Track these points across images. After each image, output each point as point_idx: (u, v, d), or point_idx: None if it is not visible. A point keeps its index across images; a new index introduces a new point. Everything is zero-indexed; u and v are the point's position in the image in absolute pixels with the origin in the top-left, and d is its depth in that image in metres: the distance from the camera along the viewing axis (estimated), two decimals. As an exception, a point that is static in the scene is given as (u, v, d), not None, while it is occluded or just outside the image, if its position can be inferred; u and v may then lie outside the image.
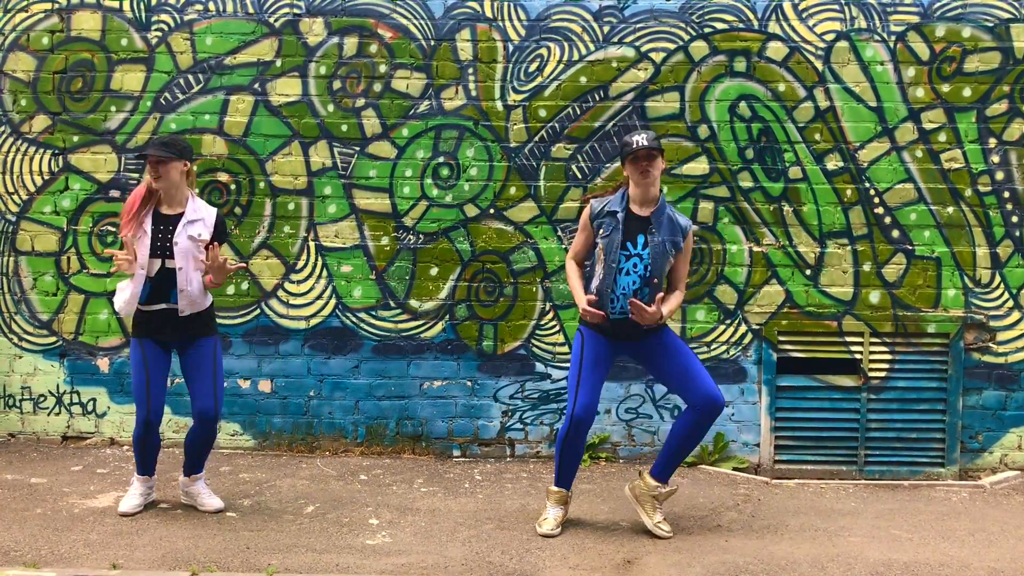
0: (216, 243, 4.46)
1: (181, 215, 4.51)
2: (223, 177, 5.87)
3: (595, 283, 4.44)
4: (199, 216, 4.53)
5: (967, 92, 5.76)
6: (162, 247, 4.47)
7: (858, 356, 5.80)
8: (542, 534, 4.51)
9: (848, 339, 5.81)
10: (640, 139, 4.35)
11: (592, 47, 5.83)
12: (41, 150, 5.90)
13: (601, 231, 4.44)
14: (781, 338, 5.82)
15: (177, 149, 4.48)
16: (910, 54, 5.76)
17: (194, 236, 4.48)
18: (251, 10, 5.84)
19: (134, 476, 4.75)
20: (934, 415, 5.80)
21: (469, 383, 5.93)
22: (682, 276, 4.55)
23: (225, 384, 5.89)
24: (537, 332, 5.91)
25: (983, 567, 4.22)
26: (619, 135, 5.81)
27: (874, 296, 5.82)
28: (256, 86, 5.85)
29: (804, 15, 5.77)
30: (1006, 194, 5.78)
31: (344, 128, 5.87)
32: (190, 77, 5.87)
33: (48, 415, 5.99)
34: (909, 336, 5.80)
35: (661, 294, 4.37)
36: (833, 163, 5.79)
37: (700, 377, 4.45)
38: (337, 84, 5.86)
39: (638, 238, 4.40)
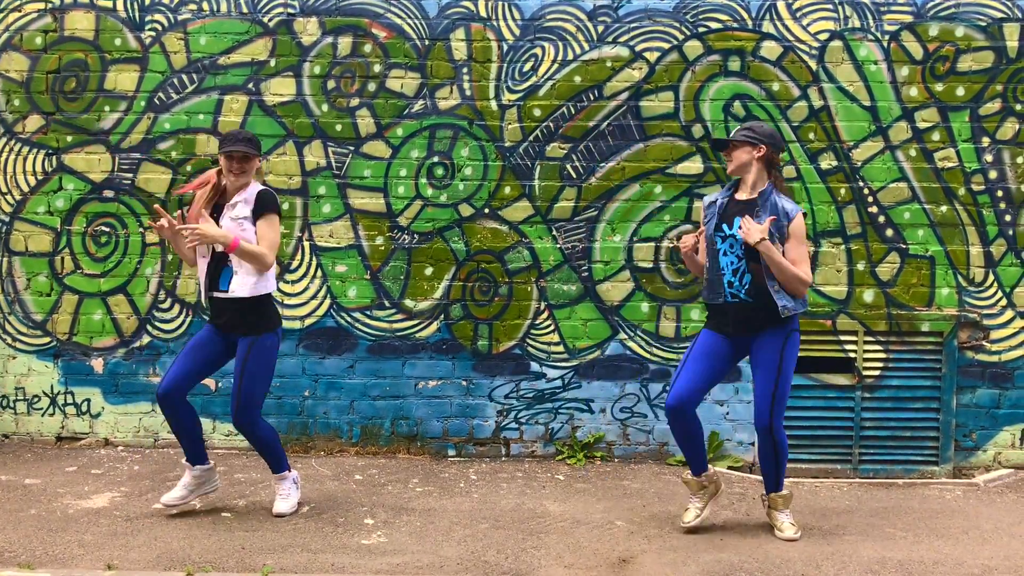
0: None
1: (230, 203, 4.48)
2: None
3: (705, 277, 4.57)
4: (244, 196, 4.46)
5: (960, 91, 5.78)
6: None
7: (852, 355, 5.81)
8: (684, 526, 4.57)
9: (842, 338, 5.82)
10: (734, 132, 4.51)
11: (586, 47, 5.83)
12: (35, 150, 5.89)
13: (705, 218, 4.58)
14: (776, 337, 5.82)
15: (257, 145, 4.51)
16: (904, 53, 5.77)
17: (234, 217, 4.44)
18: (245, 10, 5.84)
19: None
20: (928, 413, 5.81)
21: (464, 383, 5.93)
22: (797, 259, 4.44)
23: (219, 384, 5.89)
24: (532, 332, 5.91)
25: (977, 565, 4.23)
26: (614, 135, 5.81)
27: (868, 295, 5.83)
28: (250, 86, 5.85)
29: (798, 14, 5.78)
30: (999, 193, 5.80)
31: (338, 128, 5.87)
32: (184, 77, 5.86)
33: (42, 416, 5.98)
34: (903, 335, 5.81)
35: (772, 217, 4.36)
36: (827, 162, 5.80)
37: (759, 395, 4.44)
38: (331, 84, 5.85)
39: (734, 220, 4.44)
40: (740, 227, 4.35)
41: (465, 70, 5.84)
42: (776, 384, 4.39)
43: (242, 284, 4.46)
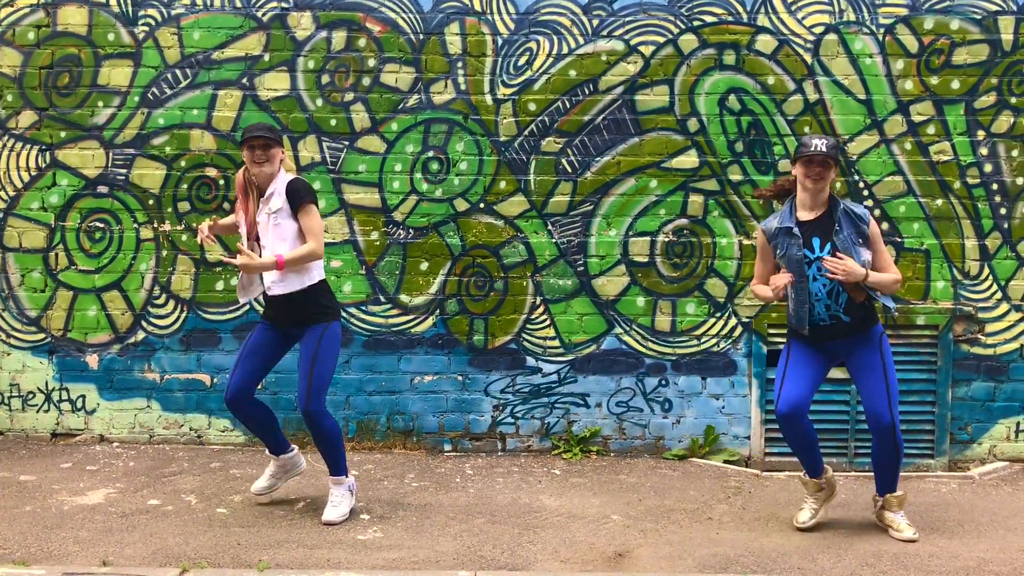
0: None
1: (263, 198, 4.47)
2: (211, 172, 5.84)
3: (791, 305, 4.44)
4: (275, 189, 4.42)
5: (955, 84, 5.77)
6: (250, 228, 4.48)
7: (848, 348, 5.81)
8: (796, 525, 4.57)
9: (838, 331, 5.82)
10: (819, 144, 4.30)
11: (581, 40, 5.82)
12: (28, 146, 5.87)
13: (778, 251, 4.42)
14: (771, 331, 5.83)
15: (278, 134, 4.49)
16: (899, 47, 5.77)
17: (271, 211, 4.40)
18: (239, 4, 5.81)
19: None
20: (923, 407, 5.82)
21: (460, 377, 5.93)
22: (886, 265, 4.41)
23: (214, 380, 5.88)
24: (528, 326, 5.90)
25: (972, 557, 4.24)
26: (609, 128, 5.81)
27: (864, 288, 5.83)
28: (244, 81, 5.83)
29: (793, 8, 5.77)
30: (994, 186, 5.80)
31: (333, 123, 5.85)
32: (178, 72, 5.84)
33: (37, 412, 5.96)
34: (898, 328, 5.82)
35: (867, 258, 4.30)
36: (822, 156, 5.79)
37: (870, 394, 4.38)
38: (326, 78, 5.84)
39: (813, 242, 4.34)
40: (830, 271, 4.22)
41: (460, 64, 5.83)
42: (887, 381, 4.35)
43: (285, 282, 4.41)
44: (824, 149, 4.27)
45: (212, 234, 4.56)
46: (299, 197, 4.39)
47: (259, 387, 5.80)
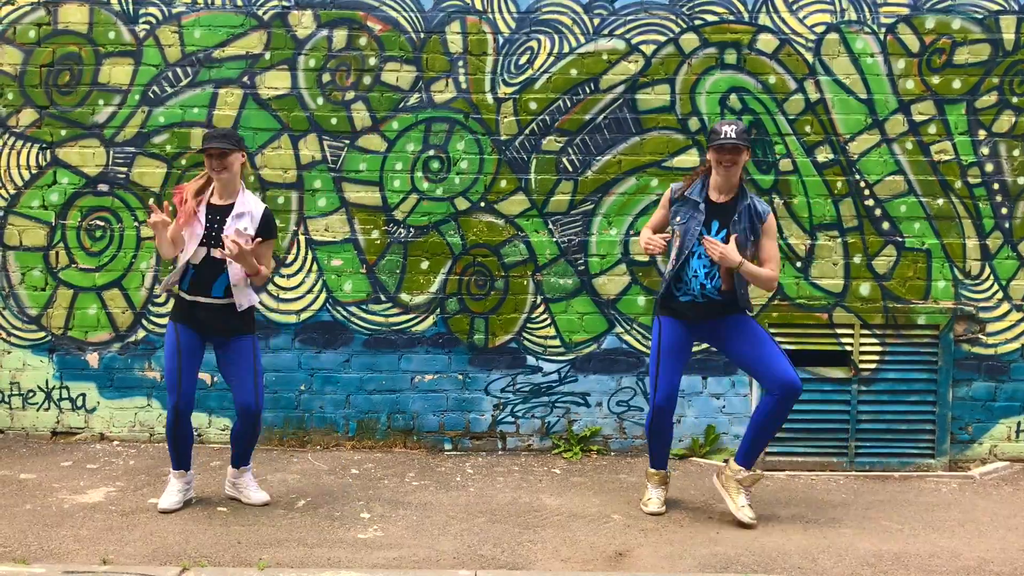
0: (259, 239, 4.50)
1: (231, 206, 4.53)
2: (212, 171, 5.84)
3: (668, 266, 4.62)
4: (247, 209, 4.54)
5: (957, 84, 5.77)
6: (208, 236, 4.51)
7: (848, 348, 5.81)
8: (649, 512, 4.73)
9: (838, 331, 5.82)
10: (728, 130, 4.45)
11: (582, 39, 5.81)
12: (29, 144, 5.86)
13: (678, 218, 4.59)
14: (772, 330, 5.81)
15: (235, 140, 4.55)
16: (900, 46, 5.77)
17: (240, 230, 4.48)
18: (239, 3, 5.81)
19: (170, 473, 4.73)
20: (924, 406, 5.82)
21: (460, 377, 5.93)
22: (771, 256, 4.59)
23: (214, 378, 5.88)
24: (528, 325, 5.90)
25: (973, 557, 4.23)
26: (610, 128, 5.80)
27: (864, 288, 5.83)
28: (245, 79, 5.83)
29: (794, 7, 5.77)
30: (995, 186, 5.79)
31: (334, 121, 5.85)
32: (178, 70, 5.84)
33: (37, 410, 5.96)
34: (899, 328, 5.81)
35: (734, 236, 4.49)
36: (823, 155, 5.80)
37: (776, 360, 4.52)
38: (327, 77, 5.83)
39: (712, 223, 4.53)
40: (713, 252, 4.39)
41: (461, 63, 5.82)
42: (777, 344, 4.57)
43: (243, 297, 4.56)
44: (734, 136, 4.44)
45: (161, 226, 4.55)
46: (270, 231, 4.62)
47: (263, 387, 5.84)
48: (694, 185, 4.63)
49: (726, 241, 4.47)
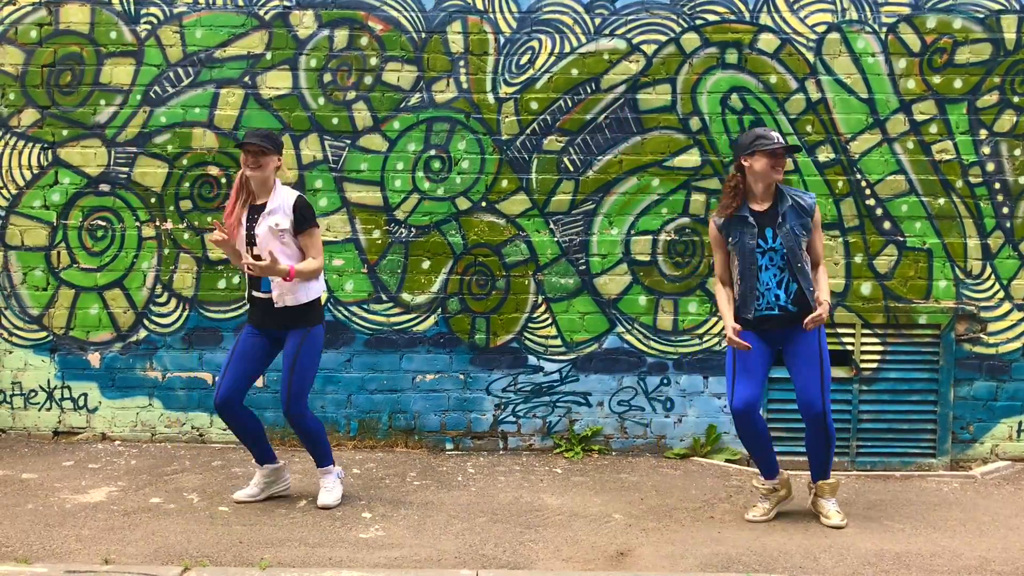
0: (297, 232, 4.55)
1: (261, 206, 4.58)
2: (213, 171, 5.85)
3: (737, 288, 4.57)
4: (277, 204, 4.57)
5: (958, 83, 5.77)
6: (249, 236, 4.57)
7: (850, 347, 5.81)
8: (748, 519, 4.68)
9: (840, 330, 5.82)
10: (778, 137, 4.45)
11: (583, 39, 5.81)
12: (30, 144, 5.87)
13: (730, 238, 4.53)
14: (773, 330, 5.82)
15: (274, 143, 4.58)
16: (901, 45, 5.76)
17: (272, 226, 4.52)
18: (241, 3, 5.81)
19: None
20: (925, 406, 5.82)
21: (462, 376, 5.93)
22: (820, 250, 4.61)
23: (216, 378, 5.87)
24: (529, 325, 5.90)
25: (974, 557, 4.23)
26: (611, 127, 5.80)
27: (865, 287, 5.83)
28: (246, 79, 5.83)
29: (795, 7, 5.77)
30: (997, 185, 5.79)
31: (335, 121, 5.85)
32: (180, 70, 5.84)
33: (39, 410, 5.97)
34: (900, 327, 5.81)
35: (817, 294, 4.46)
36: (824, 155, 5.80)
37: (803, 383, 4.50)
38: (328, 77, 5.83)
39: (767, 232, 4.47)
40: (812, 323, 4.38)
41: (462, 63, 5.82)
42: (822, 371, 4.49)
43: (288, 294, 4.55)
44: (784, 141, 4.46)
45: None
46: (306, 220, 4.58)
47: (260, 387, 5.84)
48: (728, 208, 4.53)
49: (783, 245, 4.42)
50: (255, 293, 4.62)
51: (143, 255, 5.89)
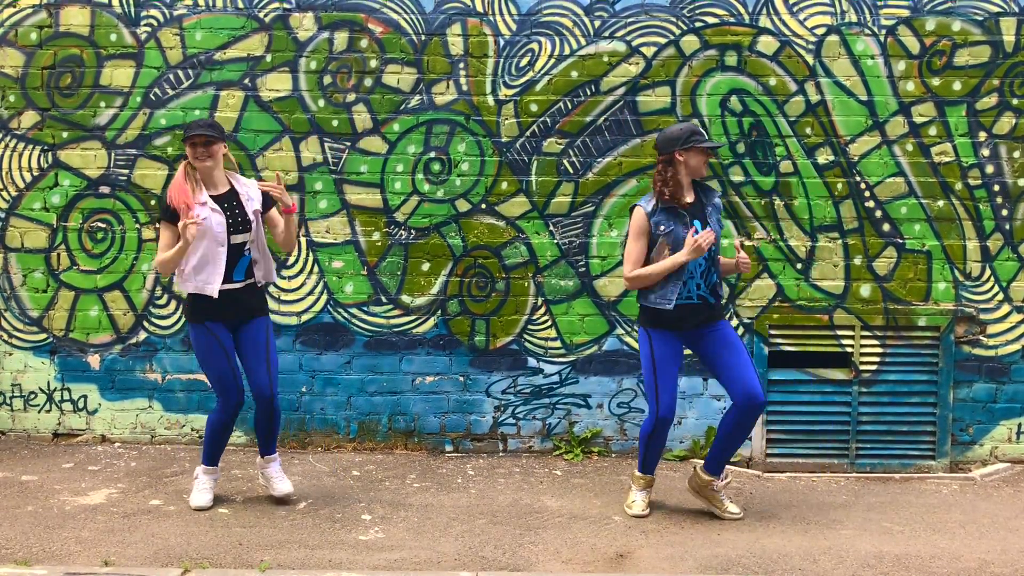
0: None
1: (229, 194, 4.60)
2: (214, 173, 5.85)
3: (659, 282, 4.58)
4: (248, 189, 4.67)
5: (957, 86, 5.77)
6: (229, 225, 4.55)
7: (849, 349, 5.81)
8: (635, 515, 4.74)
9: (839, 332, 5.82)
10: (705, 134, 4.67)
11: (583, 41, 5.82)
12: (30, 146, 5.87)
13: (661, 227, 4.56)
14: (772, 332, 5.83)
15: (219, 131, 4.62)
16: (900, 48, 5.77)
17: (257, 210, 4.65)
18: (241, 5, 5.82)
19: (199, 468, 4.77)
20: (925, 408, 5.82)
21: (461, 378, 5.93)
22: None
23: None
24: (529, 327, 5.91)
25: (974, 559, 4.24)
26: (611, 130, 5.81)
27: (865, 290, 5.83)
28: (246, 81, 5.83)
29: (795, 9, 5.78)
30: (996, 187, 5.80)
31: (335, 123, 5.86)
32: (180, 72, 5.85)
33: (39, 412, 5.97)
34: (900, 329, 5.82)
35: (739, 242, 4.72)
36: (824, 157, 5.80)
37: (745, 371, 4.55)
38: (328, 79, 5.84)
39: (694, 224, 4.56)
40: (708, 241, 4.44)
41: (462, 65, 5.83)
42: (748, 355, 4.63)
43: (266, 271, 4.72)
44: (710, 142, 4.66)
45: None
46: (272, 201, 4.70)
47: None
48: (655, 199, 4.60)
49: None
50: (227, 286, 4.52)
51: (143, 257, 5.89)
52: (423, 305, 5.90)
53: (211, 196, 4.56)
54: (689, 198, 4.62)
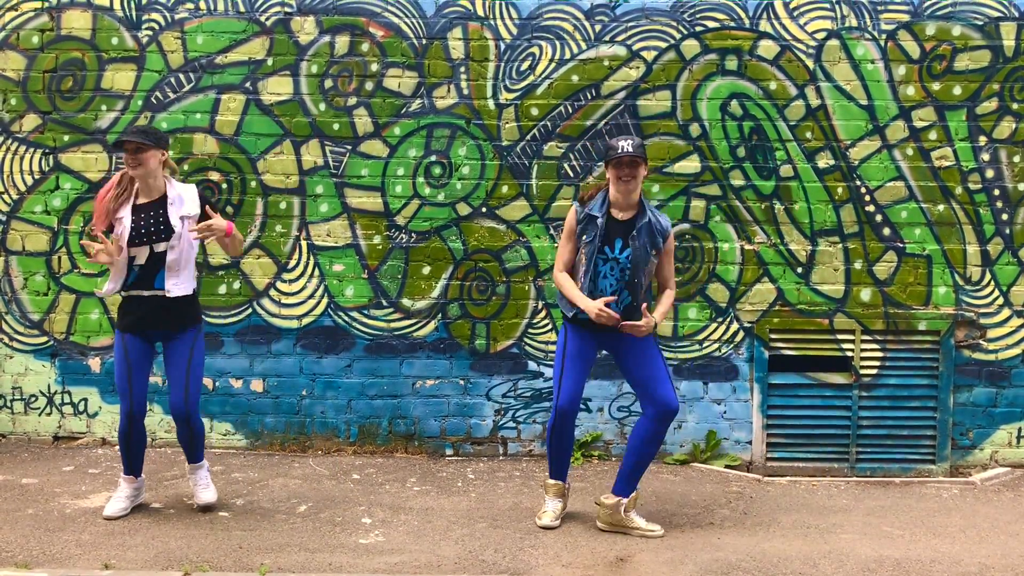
0: (208, 218, 4.52)
1: (159, 201, 4.50)
2: (214, 176, 5.86)
3: (579, 284, 4.51)
4: (177, 194, 4.53)
5: (957, 90, 5.78)
6: (147, 233, 4.45)
7: (849, 353, 5.82)
8: (542, 526, 4.58)
9: (839, 337, 5.83)
10: (625, 144, 4.37)
11: (584, 46, 5.83)
12: (32, 149, 5.88)
13: (584, 237, 4.48)
14: (773, 336, 5.83)
15: (154, 138, 4.48)
16: (901, 52, 5.78)
17: (184, 216, 4.50)
18: (242, 9, 5.83)
19: (120, 478, 4.72)
20: (925, 412, 5.82)
21: (462, 382, 5.93)
22: (669, 275, 4.62)
23: (216, 383, 5.88)
24: (529, 331, 5.91)
25: (974, 563, 4.24)
26: (611, 134, 5.81)
27: (865, 294, 5.83)
28: (247, 85, 5.84)
29: (795, 14, 5.79)
30: (996, 192, 5.80)
31: (336, 127, 5.86)
32: (181, 76, 5.85)
33: (39, 415, 5.97)
34: (900, 333, 5.82)
35: (645, 305, 4.42)
36: (824, 161, 5.81)
37: (659, 383, 4.49)
38: (329, 83, 5.85)
39: (616, 242, 4.44)
40: (636, 332, 4.38)
41: (462, 69, 5.84)
42: (666, 367, 4.55)
43: (183, 285, 4.53)
44: (631, 149, 4.36)
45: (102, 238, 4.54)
46: (212, 205, 4.62)
47: (260, 392, 5.85)
48: (594, 201, 4.51)
49: (629, 259, 4.40)
50: (144, 292, 4.50)
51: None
52: (424, 309, 5.91)
53: (141, 203, 4.49)
54: (623, 215, 4.46)
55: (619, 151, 4.36)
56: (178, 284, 4.51)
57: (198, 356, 4.60)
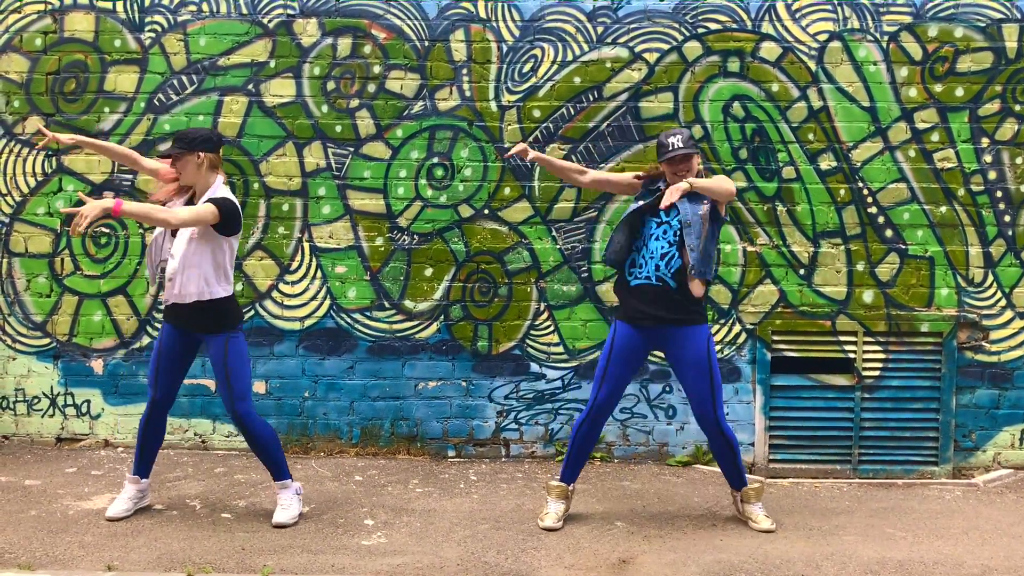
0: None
1: (189, 201, 4.52)
2: (217, 178, 5.86)
3: (614, 248, 4.60)
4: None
5: (960, 92, 5.78)
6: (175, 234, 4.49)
7: (852, 355, 5.81)
8: (544, 528, 4.60)
9: (842, 338, 5.82)
10: (675, 141, 4.53)
11: (586, 48, 5.83)
12: (34, 151, 5.89)
13: (639, 201, 4.64)
14: (775, 337, 5.83)
15: (186, 143, 4.43)
16: (903, 54, 5.78)
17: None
18: (245, 11, 5.84)
19: (125, 478, 4.72)
20: (928, 414, 5.81)
21: (464, 383, 5.94)
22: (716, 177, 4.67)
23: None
24: (532, 332, 5.91)
25: (977, 565, 4.23)
26: (613, 135, 5.82)
27: (867, 295, 5.83)
28: (250, 87, 5.85)
29: (797, 15, 5.79)
30: (999, 193, 5.80)
31: (338, 129, 5.87)
32: (184, 78, 5.86)
33: (42, 417, 5.98)
34: (902, 335, 5.82)
35: (694, 271, 4.48)
36: (826, 163, 5.81)
37: (697, 395, 4.56)
38: (331, 85, 5.86)
39: (671, 210, 4.53)
40: (673, 196, 4.36)
41: (465, 71, 5.84)
42: (712, 380, 4.53)
43: (192, 289, 4.40)
44: (682, 146, 4.51)
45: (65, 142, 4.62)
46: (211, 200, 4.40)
47: (263, 394, 5.86)
48: (655, 185, 4.66)
49: (678, 219, 4.50)
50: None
51: (147, 262, 5.88)
52: (426, 310, 5.91)
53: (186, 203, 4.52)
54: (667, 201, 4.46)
55: (671, 148, 4.52)
56: (187, 287, 4.39)
57: (234, 359, 4.47)
